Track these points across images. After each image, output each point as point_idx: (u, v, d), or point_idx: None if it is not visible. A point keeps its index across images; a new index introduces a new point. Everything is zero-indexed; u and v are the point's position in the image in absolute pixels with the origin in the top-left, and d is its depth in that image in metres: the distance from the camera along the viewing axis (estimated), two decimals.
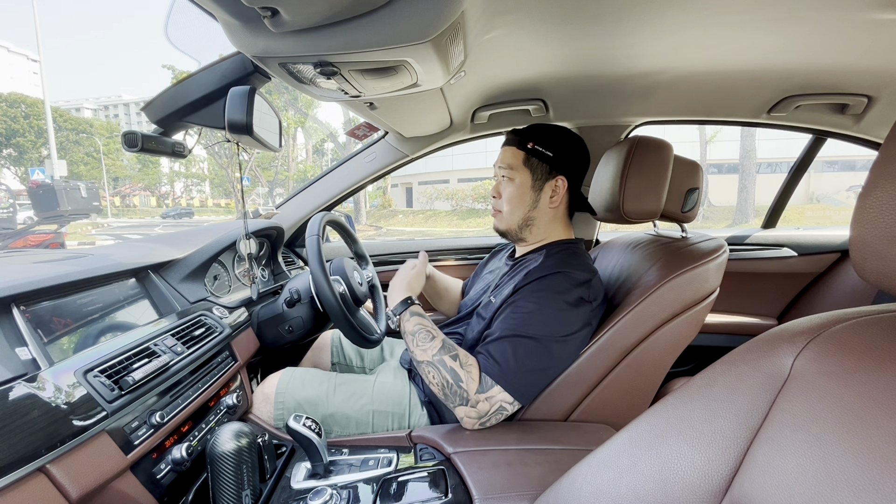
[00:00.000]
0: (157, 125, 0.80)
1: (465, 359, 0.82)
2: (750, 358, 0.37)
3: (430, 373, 0.82)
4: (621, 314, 0.84)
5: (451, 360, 0.81)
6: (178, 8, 0.61)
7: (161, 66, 16.87)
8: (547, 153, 0.92)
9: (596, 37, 0.81)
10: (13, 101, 21.52)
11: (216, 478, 0.66)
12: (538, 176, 0.93)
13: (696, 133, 13.20)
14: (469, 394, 0.79)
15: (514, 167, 0.94)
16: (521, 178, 0.94)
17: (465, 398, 0.79)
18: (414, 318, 0.89)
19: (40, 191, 4.74)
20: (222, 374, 0.85)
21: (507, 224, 0.97)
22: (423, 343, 0.84)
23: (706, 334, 1.55)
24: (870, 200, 0.29)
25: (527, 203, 0.94)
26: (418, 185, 21.58)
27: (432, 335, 0.85)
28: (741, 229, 1.70)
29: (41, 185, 4.83)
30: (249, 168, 16.67)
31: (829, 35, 0.79)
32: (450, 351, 0.82)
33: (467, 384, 0.79)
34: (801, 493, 0.28)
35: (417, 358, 0.84)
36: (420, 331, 0.86)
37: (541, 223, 0.96)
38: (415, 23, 0.53)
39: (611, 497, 0.40)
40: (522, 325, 0.80)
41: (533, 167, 0.93)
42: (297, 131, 17.81)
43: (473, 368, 0.81)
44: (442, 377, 0.80)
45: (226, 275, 1.15)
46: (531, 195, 0.94)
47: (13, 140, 21.52)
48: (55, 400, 0.53)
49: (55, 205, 4.61)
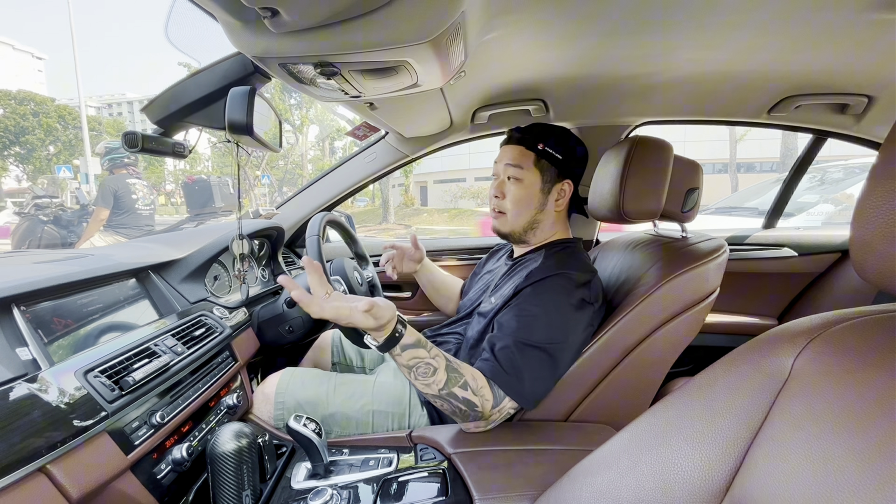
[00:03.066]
0: (157, 125, 0.80)
1: (473, 382, 0.74)
2: (750, 358, 0.37)
3: (438, 403, 0.75)
4: (622, 314, 0.84)
5: (462, 391, 0.73)
6: (178, 8, 0.61)
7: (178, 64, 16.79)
8: (557, 156, 0.91)
9: (596, 37, 0.81)
10: (22, 99, 21.48)
11: (216, 478, 0.66)
12: (548, 178, 0.92)
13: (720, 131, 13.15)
14: (485, 414, 0.75)
15: (524, 167, 0.91)
16: (531, 179, 0.91)
17: (479, 417, 0.76)
18: (406, 352, 0.71)
19: (195, 186, 4.66)
20: (222, 375, 0.85)
21: (512, 226, 0.95)
22: (425, 378, 0.72)
23: (706, 334, 1.55)
24: (870, 200, 0.29)
25: (534, 206, 0.93)
26: (433, 183, 21.61)
27: (433, 367, 0.72)
28: (741, 229, 1.70)
29: (196, 180, 4.75)
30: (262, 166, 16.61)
31: (829, 35, 0.79)
32: (457, 381, 0.73)
33: (482, 406, 0.74)
34: (801, 492, 0.28)
35: (422, 391, 0.74)
36: (418, 365, 0.71)
37: (545, 226, 0.95)
38: (415, 23, 0.53)
39: (611, 497, 0.40)
40: (527, 331, 0.78)
41: (543, 169, 0.91)
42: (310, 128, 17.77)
43: (485, 389, 0.75)
44: (454, 407, 0.74)
45: (226, 275, 1.15)
46: (539, 198, 0.92)
47: (22, 138, 21.49)
48: (55, 400, 0.53)
49: (210, 201, 4.53)
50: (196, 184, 4.71)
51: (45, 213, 3.87)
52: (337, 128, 18.78)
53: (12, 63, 43.48)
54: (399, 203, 18.70)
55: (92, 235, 3.18)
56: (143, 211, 3.31)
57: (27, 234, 3.81)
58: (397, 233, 13.43)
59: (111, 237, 3.19)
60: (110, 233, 3.21)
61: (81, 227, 3.86)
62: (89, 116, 27.64)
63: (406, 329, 0.71)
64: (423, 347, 0.72)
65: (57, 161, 21.58)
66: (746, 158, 16.33)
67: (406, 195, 19.55)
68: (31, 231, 3.81)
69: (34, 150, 22.15)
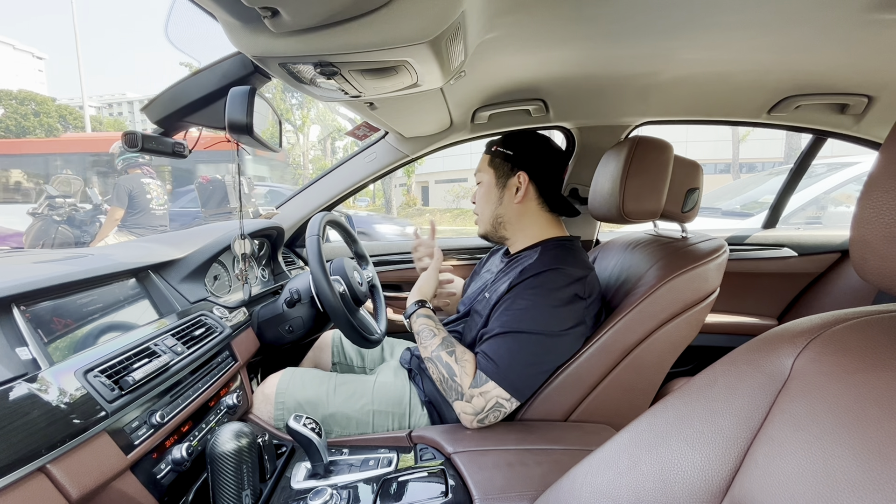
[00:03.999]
0: (157, 125, 0.80)
1: (461, 354, 0.85)
2: (750, 358, 0.37)
3: (430, 368, 0.87)
4: (621, 314, 0.84)
5: (448, 356, 0.85)
6: (178, 8, 0.61)
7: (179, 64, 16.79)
8: (507, 152, 0.98)
9: (596, 37, 0.81)
10: (23, 99, 21.50)
11: (216, 478, 0.66)
12: (501, 174, 0.98)
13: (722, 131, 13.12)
14: (463, 388, 0.81)
15: (481, 170, 1.01)
16: (486, 178, 1.00)
17: (459, 392, 0.82)
18: (421, 318, 0.93)
19: (210, 186, 4.58)
20: (222, 374, 0.85)
21: (484, 226, 1.02)
22: (426, 340, 0.89)
23: (706, 334, 1.55)
24: (870, 200, 0.29)
25: (493, 201, 0.99)
26: (435, 183, 21.58)
27: (434, 333, 0.89)
28: (741, 229, 1.70)
29: (211, 180, 4.66)
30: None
31: (829, 35, 0.79)
32: (447, 347, 0.86)
33: (461, 378, 0.82)
34: (801, 493, 0.28)
35: (421, 354, 0.89)
36: (424, 329, 0.90)
37: (511, 219, 0.99)
38: (415, 23, 0.53)
39: (611, 497, 0.40)
40: (515, 322, 0.82)
41: (496, 166, 0.99)
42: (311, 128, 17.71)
43: (468, 364, 0.84)
44: (439, 371, 0.85)
45: (226, 275, 1.15)
46: (496, 192, 0.99)
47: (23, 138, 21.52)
48: (55, 400, 0.53)
49: (225, 201, 4.46)
50: (211, 184, 4.69)
51: (58, 212, 3.86)
52: (338, 127, 18.74)
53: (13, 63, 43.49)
54: (401, 203, 18.66)
55: (107, 235, 3.18)
56: (157, 211, 3.31)
57: (41, 234, 3.79)
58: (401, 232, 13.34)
59: (125, 237, 3.19)
60: (125, 232, 3.21)
61: (95, 226, 3.85)
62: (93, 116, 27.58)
63: (426, 306, 0.97)
64: (433, 320, 0.93)
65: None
66: (748, 158, 16.31)
67: (408, 195, 19.51)
68: (44, 231, 3.80)
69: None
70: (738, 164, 14.37)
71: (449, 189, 19.95)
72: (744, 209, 3.11)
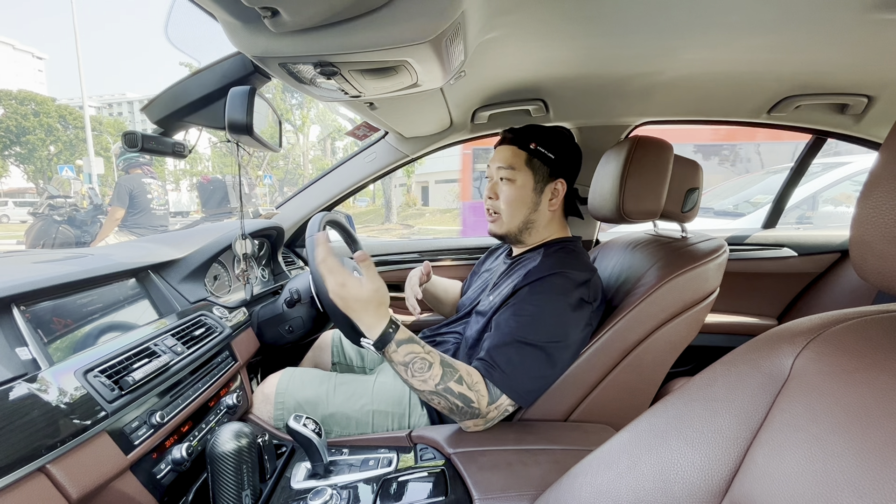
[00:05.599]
0: (157, 125, 0.80)
1: (468, 377, 0.75)
2: (750, 358, 0.37)
3: (434, 400, 0.74)
4: (621, 314, 0.84)
5: (458, 385, 0.73)
6: (178, 8, 0.61)
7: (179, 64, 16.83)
8: (549, 155, 0.91)
9: (596, 37, 0.81)
10: (23, 99, 21.53)
11: (216, 478, 0.66)
12: (540, 178, 0.92)
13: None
14: (481, 410, 0.76)
15: (517, 168, 0.92)
16: (523, 179, 0.92)
17: (476, 414, 0.76)
18: (402, 347, 0.71)
19: (211, 186, 4.60)
20: (222, 374, 0.85)
21: (507, 227, 0.96)
22: (421, 374, 0.72)
23: (706, 334, 1.55)
24: (870, 200, 0.29)
25: (528, 205, 0.93)
26: (434, 183, 21.57)
27: (429, 362, 0.72)
28: (741, 229, 1.70)
29: (211, 180, 4.70)
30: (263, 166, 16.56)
31: (829, 35, 0.79)
32: (452, 375, 0.73)
33: (479, 402, 0.75)
34: (801, 493, 0.28)
35: (417, 388, 0.73)
36: (415, 360, 0.72)
37: (540, 225, 0.96)
38: (415, 23, 0.53)
39: (611, 497, 0.40)
40: (525, 330, 0.79)
41: (535, 168, 0.92)
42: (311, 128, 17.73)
43: (480, 385, 0.76)
44: (450, 403, 0.74)
45: (226, 275, 1.15)
46: (532, 197, 0.93)
47: (23, 138, 21.51)
48: (55, 400, 0.53)
49: (226, 201, 4.49)
50: (211, 183, 4.67)
51: (59, 213, 3.87)
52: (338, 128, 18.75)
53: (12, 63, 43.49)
54: (401, 203, 18.64)
55: (107, 235, 3.19)
56: (158, 210, 3.31)
57: (42, 234, 3.80)
58: (400, 233, 13.38)
59: (126, 237, 3.19)
60: (125, 232, 3.21)
61: (95, 226, 3.86)
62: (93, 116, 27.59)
63: (399, 327, 0.73)
64: (417, 343, 0.73)
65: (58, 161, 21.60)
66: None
67: (408, 195, 19.50)
68: (45, 231, 3.80)
69: (35, 149, 22.20)
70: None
71: (449, 189, 19.92)
72: (736, 209, 3.14)
